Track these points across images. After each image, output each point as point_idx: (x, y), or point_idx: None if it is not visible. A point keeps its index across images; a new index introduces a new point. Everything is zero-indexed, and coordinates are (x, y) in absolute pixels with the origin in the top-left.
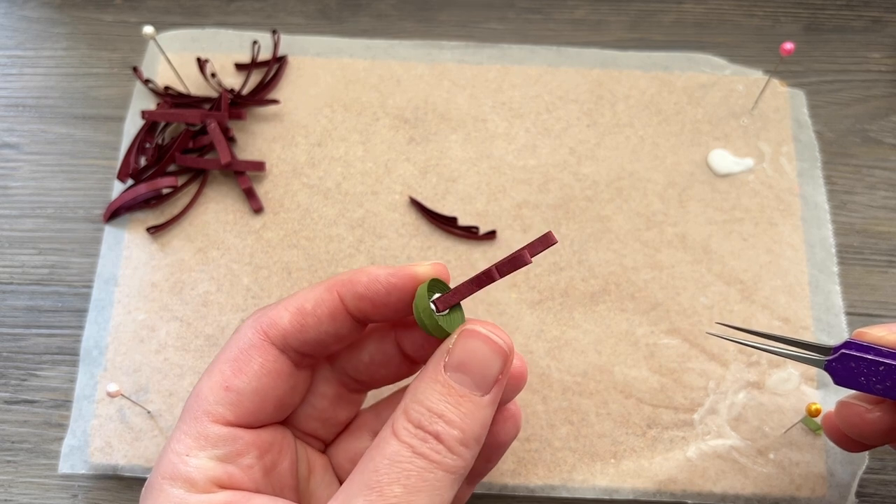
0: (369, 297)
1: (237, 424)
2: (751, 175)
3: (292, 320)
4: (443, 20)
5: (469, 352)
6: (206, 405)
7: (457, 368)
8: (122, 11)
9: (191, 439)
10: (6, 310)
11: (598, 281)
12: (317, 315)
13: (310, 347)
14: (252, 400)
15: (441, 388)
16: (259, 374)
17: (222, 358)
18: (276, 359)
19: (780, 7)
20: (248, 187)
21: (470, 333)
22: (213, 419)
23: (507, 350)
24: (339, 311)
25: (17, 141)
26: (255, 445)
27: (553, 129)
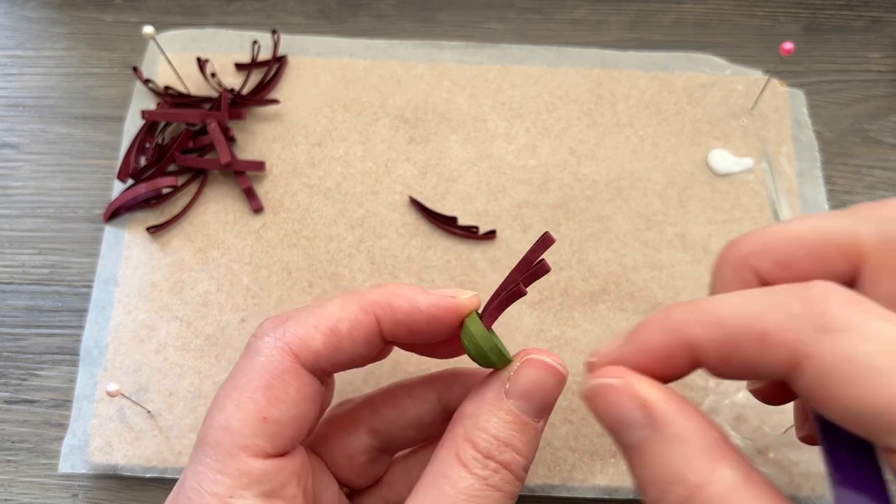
0: (408, 325)
1: (275, 455)
2: (751, 175)
3: (326, 343)
4: (443, 20)
5: (534, 380)
6: (240, 439)
7: (520, 396)
8: (122, 11)
9: (230, 479)
10: (6, 310)
11: (597, 281)
12: (353, 338)
13: (339, 368)
14: (290, 428)
15: (505, 416)
16: (296, 401)
17: (250, 384)
18: (309, 382)
19: (780, 7)
20: (248, 187)
21: (535, 363)
22: (251, 454)
23: (566, 377)
24: (374, 334)
25: (17, 141)
26: (294, 473)
27: (553, 129)
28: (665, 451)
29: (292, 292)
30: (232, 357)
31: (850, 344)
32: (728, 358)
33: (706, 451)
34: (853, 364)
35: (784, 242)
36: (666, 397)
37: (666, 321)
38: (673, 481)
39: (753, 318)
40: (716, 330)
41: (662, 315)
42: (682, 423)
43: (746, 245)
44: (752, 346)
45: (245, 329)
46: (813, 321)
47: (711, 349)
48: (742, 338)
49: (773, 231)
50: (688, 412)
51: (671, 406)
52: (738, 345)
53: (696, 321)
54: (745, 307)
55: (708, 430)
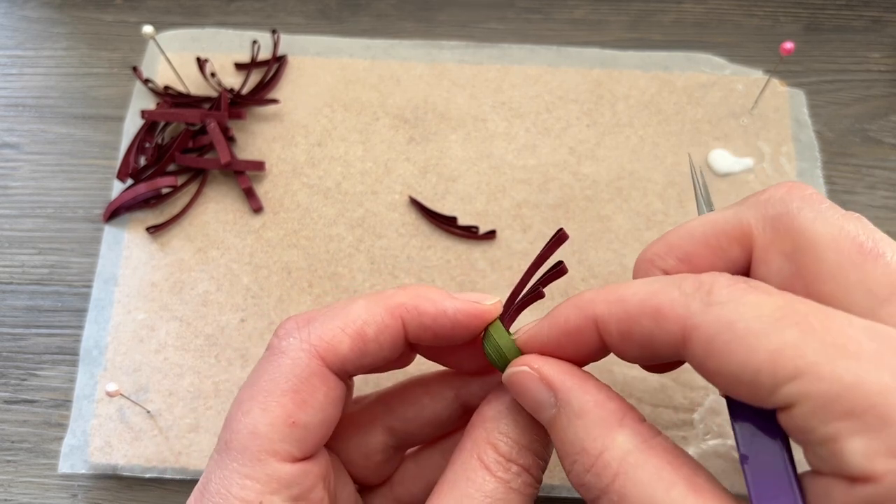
0: (434, 330)
1: (302, 459)
2: (751, 175)
3: (353, 347)
4: (443, 20)
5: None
6: (268, 444)
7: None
8: (122, 11)
9: (259, 484)
10: (6, 310)
11: (598, 281)
12: (379, 342)
13: (362, 371)
14: (317, 432)
15: (526, 421)
16: (324, 406)
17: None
18: (336, 386)
19: (780, 7)
20: (248, 187)
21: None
22: (279, 459)
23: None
24: (400, 338)
25: (17, 141)
26: (320, 476)
27: (553, 128)
28: (569, 424)
29: (292, 292)
30: (231, 357)
31: (732, 311)
32: (627, 333)
33: (604, 421)
34: (733, 329)
35: (682, 241)
36: (567, 377)
37: (577, 300)
38: (578, 451)
39: (649, 295)
40: (617, 306)
41: (577, 295)
42: (581, 397)
43: (651, 250)
44: (648, 321)
45: (245, 329)
46: (700, 297)
47: (612, 324)
48: (639, 312)
49: (673, 232)
50: (587, 387)
51: (572, 384)
52: (635, 319)
53: (602, 299)
54: (643, 287)
55: (606, 402)
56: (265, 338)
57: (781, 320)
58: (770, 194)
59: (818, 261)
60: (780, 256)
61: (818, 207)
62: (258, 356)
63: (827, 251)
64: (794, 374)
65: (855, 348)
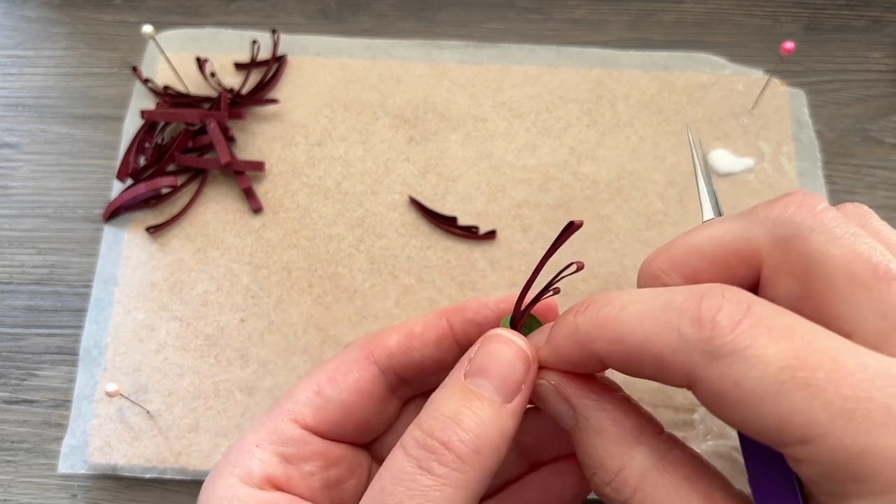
0: (478, 322)
1: (315, 431)
2: (751, 175)
3: (399, 342)
4: (443, 20)
5: (490, 356)
6: (291, 405)
7: (478, 373)
8: (122, 11)
9: (265, 432)
10: (6, 310)
11: (597, 281)
12: (424, 338)
13: (412, 371)
14: (337, 411)
15: (459, 394)
16: (352, 389)
17: (322, 368)
18: (373, 378)
19: (781, 7)
20: (248, 187)
21: (491, 338)
22: (292, 418)
23: (528, 356)
24: (446, 335)
25: (16, 141)
26: (322, 455)
27: (553, 128)
28: (587, 440)
29: (292, 292)
30: (231, 357)
31: (736, 370)
32: (633, 372)
33: (621, 439)
34: (741, 390)
35: (688, 257)
36: (585, 392)
37: (574, 332)
38: (598, 466)
39: (648, 339)
40: (617, 348)
41: (570, 324)
42: (599, 415)
43: (655, 263)
44: (651, 366)
45: (244, 329)
46: (701, 346)
47: (617, 364)
48: (640, 358)
49: (677, 246)
50: (604, 404)
51: (589, 401)
52: (638, 363)
53: (600, 336)
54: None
55: (623, 420)
56: (265, 338)
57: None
58: (779, 213)
59: (830, 285)
60: (789, 279)
61: (830, 228)
62: (258, 356)
63: (839, 275)
64: (801, 440)
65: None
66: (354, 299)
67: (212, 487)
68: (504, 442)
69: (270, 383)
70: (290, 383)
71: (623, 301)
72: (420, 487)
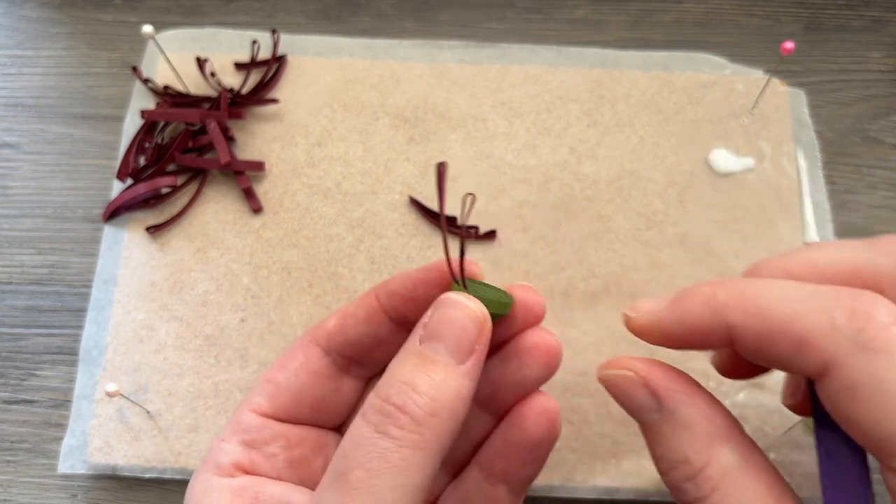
0: (399, 293)
1: (272, 416)
2: (751, 175)
3: (336, 322)
4: (443, 20)
5: (442, 319)
6: (249, 397)
7: (432, 338)
8: (122, 11)
9: (230, 427)
10: (6, 310)
11: (598, 281)
12: (356, 315)
13: (351, 349)
14: (288, 395)
15: (414, 359)
16: (298, 371)
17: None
18: (318, 359)
19: (781, 7)
20: (248, 187)
21: (443, 302)
22: (250, 409)
23: (480, 317)
24: (375, 310)
25: (16, 141)
26: (283, 436)
27: (553, 128)
28: (673, 434)
29: (292, 292)
30: (231, 357)
31: (883, 367)
32: (762, 349)
33: (709, 435)
34: (881, 386)
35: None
36: (676, 385)
37: (710, 299)
38: (680, 461)
39: (795, 317)
40: (756, 321)
41: (707, 291)
42: (689, 409)
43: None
44: (788, 345)
45: (244, 329)
46: (852, 336)
47: (749, 337)
48: (780, 334)
49: (794, 260)
50: (695, 399)
51: (680, 394)
52: (775, 340)
53: (739, 307)
54: (788, 303)
55: (713, 416)
56: (265, 338)
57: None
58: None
59: None
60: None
61: None
62: (258, 356)
63: None
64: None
65: None
66: (354, 299)
67: (191, 486)
68: (461, 403)
69: None
70: None
71: (767, 282)
72: (378, 450)
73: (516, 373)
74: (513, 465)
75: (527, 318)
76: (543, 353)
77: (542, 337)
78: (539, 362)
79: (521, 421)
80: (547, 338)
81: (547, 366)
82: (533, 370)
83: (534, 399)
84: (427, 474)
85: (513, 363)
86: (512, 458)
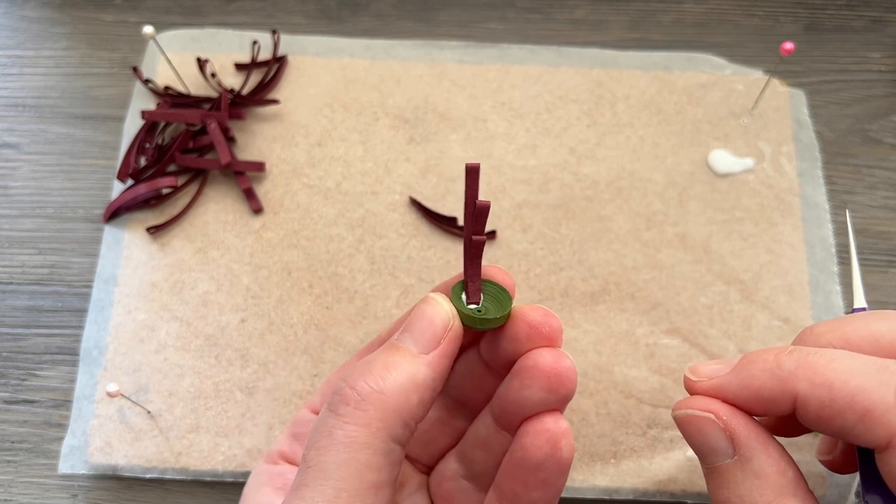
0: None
1: None
2: (751, 175)
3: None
4: (443, 20)
5: (414, 314)
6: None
7: (404, 330)
8: (122, 11)
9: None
10: (6, 310)
11: (598, 281)
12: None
13: None
14: None
15: (384, 348)
16: None
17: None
18: None
19: (780, 7)
20: (248, 187)
21: (422, 300)
22: (306, 406)
23: (448, 314)
24: None
25: (17, 141)
26: None
27: (553, 128)
28: (743, 481)
29: (292, 292)
30: (232, 357)
31: None
32: (826, 418)
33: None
34: None
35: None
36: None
37: (776, 367)
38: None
39: (860, 390)
40: (822, 391)
41: (772, 360)
42: (764, 459)
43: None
44: (853, 416)
45: (245, 329)
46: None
47: (813, 407)
48: (845, 406)
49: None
50: (770, 451)
51: (757, 444)
52: (839, 411)
53: (805, 377)
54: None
55: (785, 469)
56: (265, 338)
57: None
58: None
59: None
60: None
61: None
62: (258, 356)
63: None
64: None
65: None
66: (355, 299)
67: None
68: (413, 387)
69: (271, 383)
70: (290, 383)
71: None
72: (327, 427)
73: (518, 392)
74: (517, 486)
75: (532, 337)
76: (543, 375)
77: (544, 357)
78: (540, 384)
79: (521, 440)
80: (549, 359)
81: (549, 388)
82: (534, 392)
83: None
84: (375, 452)
85: (515, 382)
86: (516, 480)
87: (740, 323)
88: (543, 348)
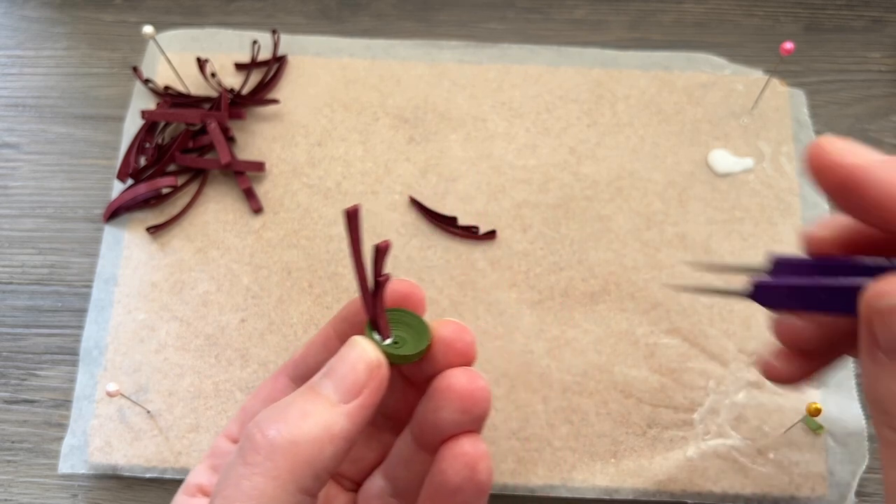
0: (348, 320)
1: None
2: (751, 175)
3: (300, 352)
4: (443, 20)
5: (338, 358)
6: (228, 424)
7: (325, 374)
8: (122, 11)
9: (208, 452)
10: (6, 310)
11: (598, 281)
12: (316, 344)
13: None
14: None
15: (302, 391)
16: (266, 400)
17: None
18: (284, 387)
19: (780, 7)
20: (248, 187)
21: (347, 343)
22: (224, 434)
23: (374, 361)
24: (330, 337)
25: (17, 141)
26: None
27: (553, 128)
28: None
29: (292, 292)
30: (232, 357)
31: None
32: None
33: None
34: None
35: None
36: None
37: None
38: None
39: None
40: None
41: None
42: None
43: None
44: None
45: (245, 329)
46: None
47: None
48: None
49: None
50: None
51: None
52: None
53: None
54: None
55: None
56: (265, 338)
57: None
58: None
59: None
60: None
61: None
62: (258, 356)
63: None
64: None
65: None
66: None
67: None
68: (329, 439)
69: None
70: None
71: None
72: (234, 476)
73: (433, 413)
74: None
75: (448, 357)
76: (458, 397)
77: (458, 378)
78: (454, 405)
79: (440, 464)
80: (462, 380)
81: (462, 410)
82: (448, 413)
83: (455, 441)
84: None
85: (431, 403)
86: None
87: (740, 323)
88: (457, 369)
